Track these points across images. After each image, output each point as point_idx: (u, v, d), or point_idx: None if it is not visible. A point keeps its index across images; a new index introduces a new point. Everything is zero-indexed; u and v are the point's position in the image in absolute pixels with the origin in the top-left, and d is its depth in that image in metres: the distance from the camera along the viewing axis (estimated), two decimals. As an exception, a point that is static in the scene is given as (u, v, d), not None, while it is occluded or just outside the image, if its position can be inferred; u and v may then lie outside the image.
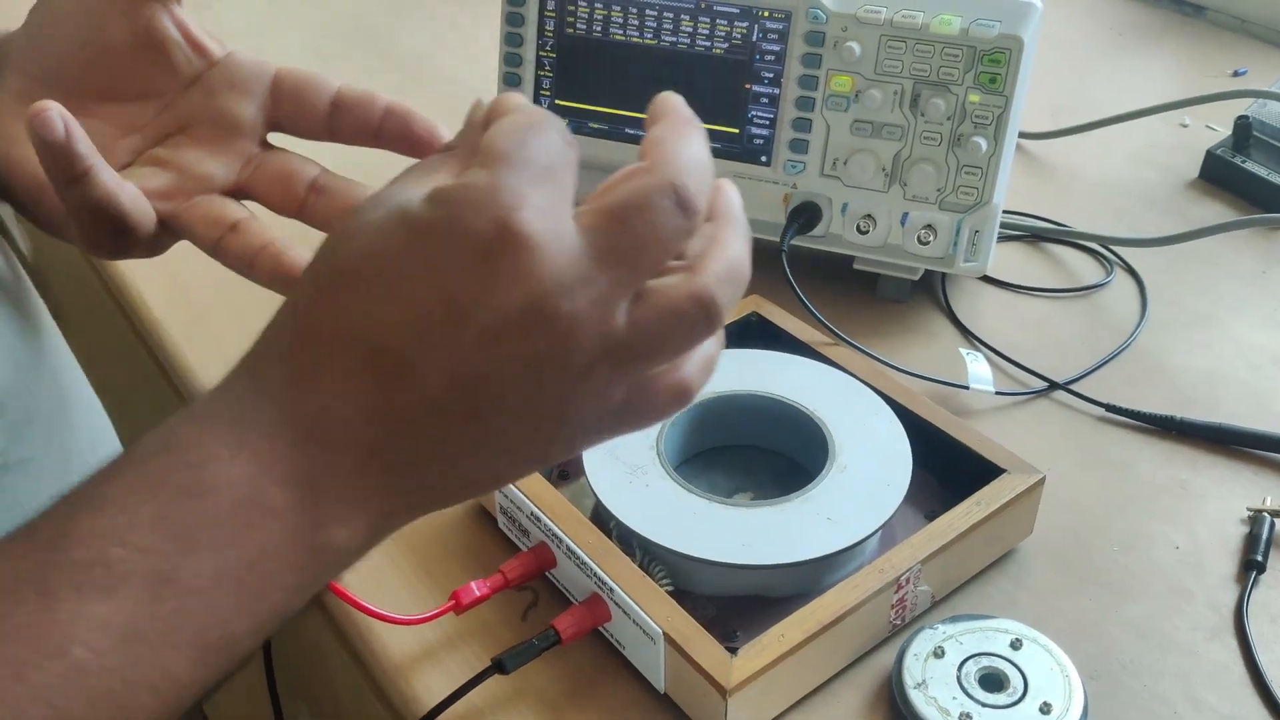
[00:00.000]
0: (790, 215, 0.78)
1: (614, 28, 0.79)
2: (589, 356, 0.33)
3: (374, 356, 0.32)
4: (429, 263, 0.32)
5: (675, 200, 0.33)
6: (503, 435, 0.34)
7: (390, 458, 0.33)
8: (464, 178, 0.33)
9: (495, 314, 0.31)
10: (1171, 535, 0.64)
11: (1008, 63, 0.71)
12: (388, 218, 0.33)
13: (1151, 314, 0.81)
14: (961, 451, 0.62)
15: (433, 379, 0.32)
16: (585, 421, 0.34)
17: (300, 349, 0.33)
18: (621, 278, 0.33)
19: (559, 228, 0.32)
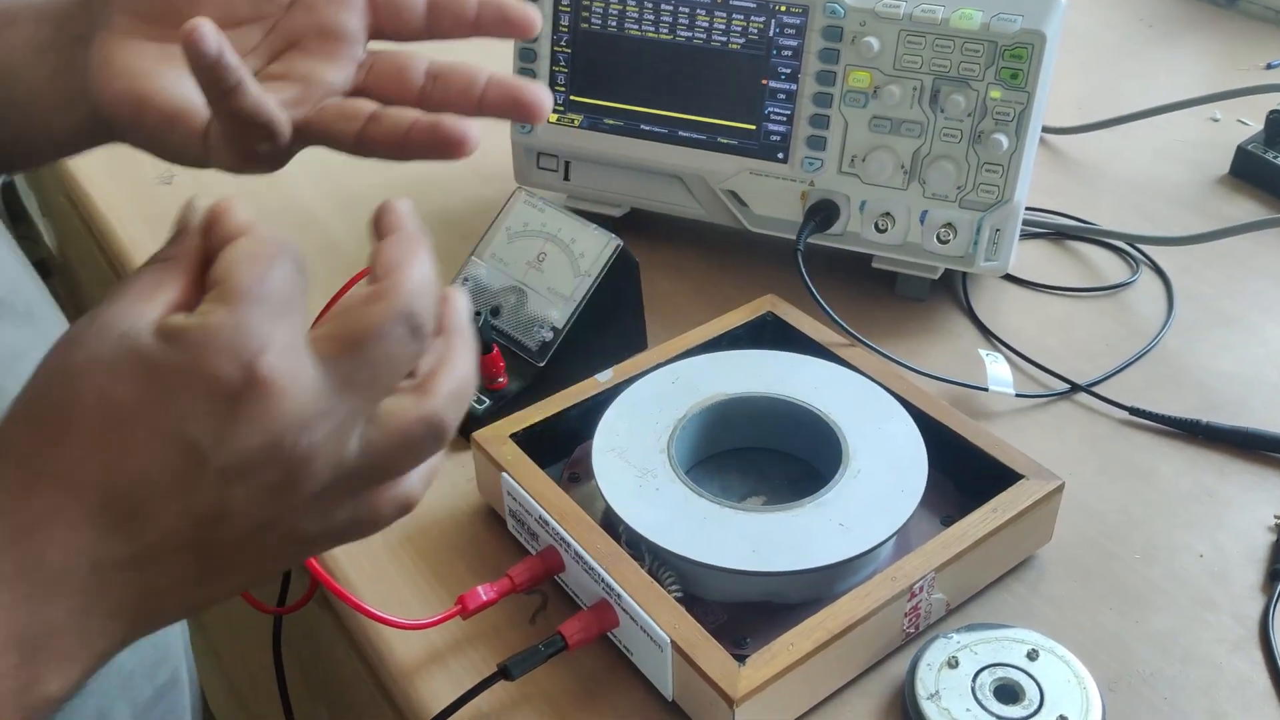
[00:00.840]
0: (807, 213, 0.77)
1: (629, 23, 0.78)
2: (321, 483, 0.34)
3: (106, 504, 0.32)
4: (167, 409, 0.32)
5: (408, 328, 0.34)
6: (232, 560, 0.34)
7: (119, 599, 0.33)
8: (204, 318, 0.32)
9: (235, 455, 0.32)
10: (1195, 543, 0.63)
11: (1030, 58, 0.70)
12: (118, 355, 0.32)
13: (1178, 314, 0.79)
14: (979, 456, 0.61)
15: (166, 521, 0.32)
16: (312, 538, 0.35)
17: (23, 499, 0.32)
18: (357, 406, 0.34)
19: (299, 366, 0.33)
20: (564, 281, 0.69)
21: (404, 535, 0.63)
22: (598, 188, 0.84)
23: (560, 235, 0.70)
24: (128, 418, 0.32)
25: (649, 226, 0.85)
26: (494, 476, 0.60)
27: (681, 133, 0.80)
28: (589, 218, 0.70)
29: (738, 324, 0.70)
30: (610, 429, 0.62)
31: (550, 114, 0.45)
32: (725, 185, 0.79)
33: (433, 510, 0.64)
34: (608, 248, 0.68)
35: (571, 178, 0.84)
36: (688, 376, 0.65)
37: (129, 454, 0.32)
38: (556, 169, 0.84)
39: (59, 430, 0.32)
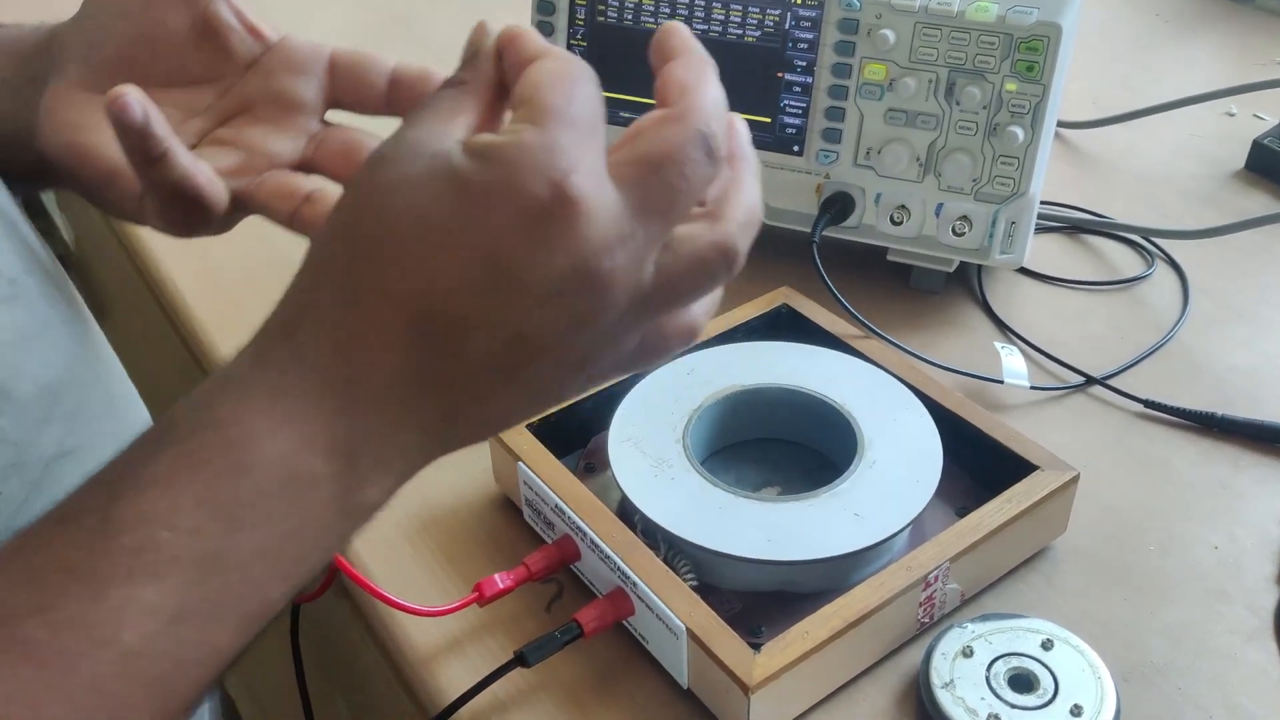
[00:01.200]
0: (822, 205, 0.77)
1: (645, 16, 0.79)
2: (620, 309, 0.34)
3: (422, 319, 0.32)
4: (481, 224, 0.32)
5: (705, 150, 0.33)
6: (532, 384, 0.35)
7: (428, 414, 0.34)
8: (516, 136, 0.32)
9: (545, 276, 0.32)
10: (1210, 536, 0.63)
11: (1046, 50, 0.70)
12: (432, 173, 0.32)
13: (1193, 308, 0.79)
14: (994, 447, 0.61)
15: (478, 340, 0.33)
16: (603, 365, 0.36)
17: (344, 315, 0.33)
18: (655, 231, 0.33)
19: (604, 188, 0.32)
20: (580, 273, 0.69)
21: (421, 524, 0.63)
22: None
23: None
24: (442, 234, 0.32)
25: (664, 219, 0.86)
26: (510, 466, 0.61)
27: (697, 126, 0.80)
28: (605, 210, 0.71)
29: (753, 316, 0.70)
30: (626, 419, 0.62)
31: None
32: (740, 178, 0.79)
33: (449, 500, 0.65)
34: (623, 239, 0.68)
35: (587, 170, 0.84)
36: (703, 368, 0.65)
37: (445, 270, 0.32)
38: (572, 162, 0.84)
39: (374, 246, 0.33)
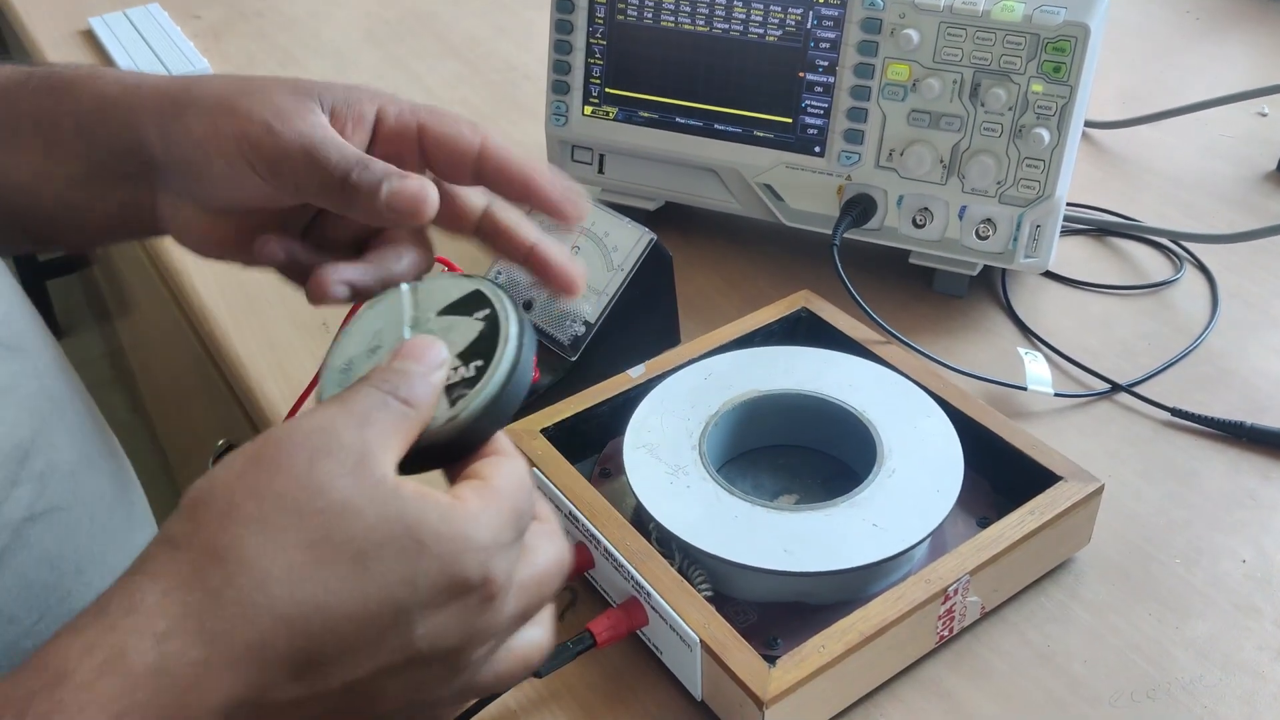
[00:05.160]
0: (844, 207, 0.76)
1: (665, 15, 0.78)
2: (453, 689, 0.36)
3: (304, 654, 0.32)
4: (408, 571, 0.33)
5: (564, 576, 0.39)
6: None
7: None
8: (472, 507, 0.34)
9: (430, 642, 0.33)
10: (1238, 548, 0.61)
11: (1073, 51, 0.68)
12: (378, 500, 0.33)
13: (1222, 314, 0.78)
14: (1017, 456, 0.60)
15: (335, 683, 0.33)
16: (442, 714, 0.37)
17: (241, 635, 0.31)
18: (512, 629, 0.37)
19: (510, 588, 0.36)
20: (597, 275, 0.68)
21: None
22: (632, 181, 0.83)
23: (594, 229, 0.69)
24: (368, 563, 0.32)
25: (683, 220, 0.85)
26: (524, 471, 0.60)
27: (717, 126, 0.79)
28: (623, 211, 0.70)
29: (772, 320, 0.69)
30: (642, 425, 0.61)
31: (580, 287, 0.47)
32: (761, 179, 0.79)
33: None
34: (641, 242, 0.68)
35: (606, 171, 0.84)
36: (721, 372, 0.64)
37: (349, 598, 0.32)
38: (591, 162, 0.84)
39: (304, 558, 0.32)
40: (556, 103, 0.83)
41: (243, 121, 0.42)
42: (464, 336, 0.38)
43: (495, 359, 0.36)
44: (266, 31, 1.20)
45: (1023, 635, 0.57)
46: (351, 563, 0.32)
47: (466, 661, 0.35)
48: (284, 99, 0.43)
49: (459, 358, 0.37)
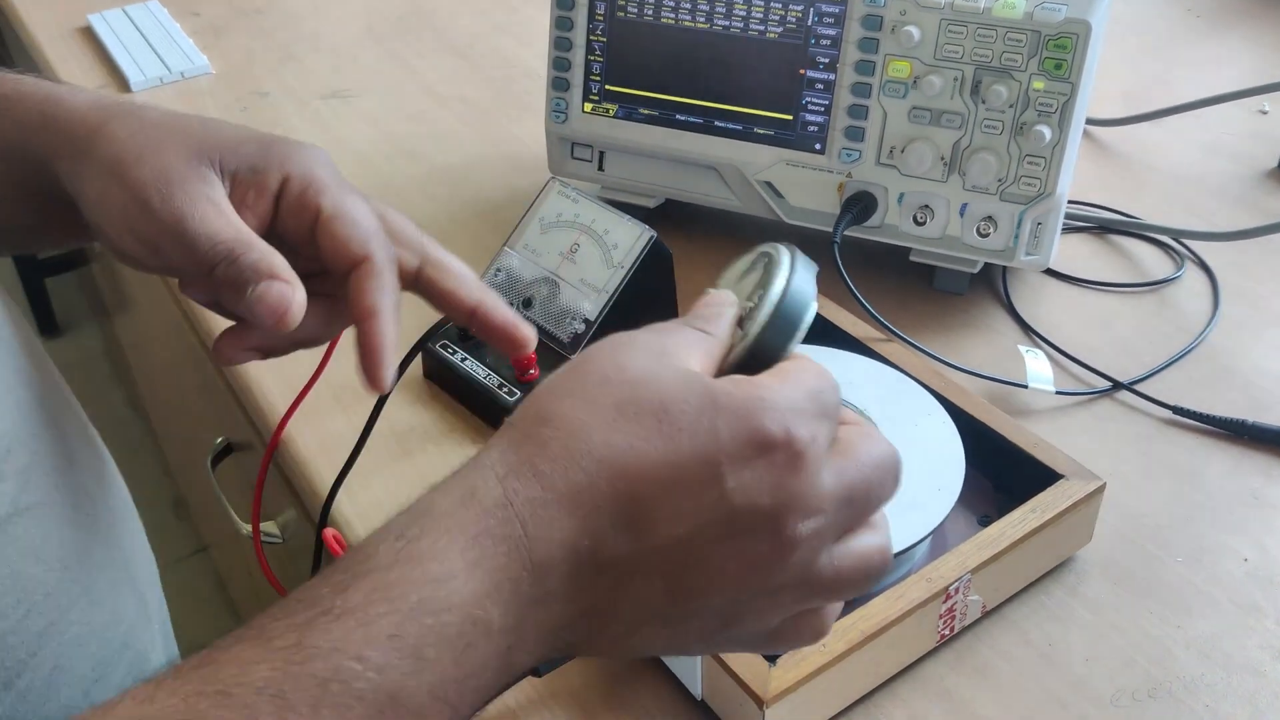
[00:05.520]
0: (844, 205, 0.76)
1: (665, 12, 0.77)
2: (787, 579, 0.35)
3: (627, 500, 0.34)
4: (711, 430, 0.34)
5: (896, 476, 0.38)
6: (682, 617, 0.36)
7: (588, 607, 0.35)
8: (768, 382, 0.36)
9: (746, 500, 0.34)
10: (1240, 547, 0.61)
11: (1074, 48, 0.68)
12: (684, 379, 0.35)
13: (1224, 311, 0.77)
14: (1018, 455, 0.60)
15: (661, 538, 0.34)
16: (742, 634, 0.37)
17: (566, 475, 0.34)
18: (845, 521, 0.36)
19: (824, 462, 0.36)
20: (597, 273, 0.68)
21: (433, 527, 0.63)
22: (632, 178, 0.83)
23: (594, 226, 0.69)
24: (675, 423, 0.34)
25: (683, 218, 0.85)
26: (524, 469, 0.60)
27: (717, 123, 0.79)
28: (623, 209, 0.70)
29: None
30: (642, 423, 0.61)
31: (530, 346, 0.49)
32: (761, 176, 0.78)
33: (462, 502, 0.64)
34: (641, 239, 0.67)
35: (606, 168, 0.83)
36: (721, 370, 0.64)
37: (659, 454, 0.34)
38: (591, 159, 0.83)
39: (617, 418, 0.35)
40: (556, 100, 0.82)
41: (129, 191, 0.42)
42: (750, 282, 0.41)
43: (771, 281, 0.40)
44: (266, 28, 1.20)
45: (1024, 634, 0.56)
46: (656, 416, 0.34)
47: (792, 534, 0.34)
48: (176, 164, 0.43)
49: (749, 299, 0.41)
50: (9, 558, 0.41)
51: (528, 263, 0.71)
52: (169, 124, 0.44)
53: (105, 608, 0.47)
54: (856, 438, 0.37)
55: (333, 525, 0.63)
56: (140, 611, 0.51)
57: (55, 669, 0.43)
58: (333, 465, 0.63)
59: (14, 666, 0.41)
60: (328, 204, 0.44)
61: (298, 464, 0.68)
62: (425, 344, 0.69)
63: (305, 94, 1.08)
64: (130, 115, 0.44)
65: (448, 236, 0.87)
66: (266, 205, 0.44)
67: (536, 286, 0.70)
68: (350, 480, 0.60)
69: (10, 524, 0.42)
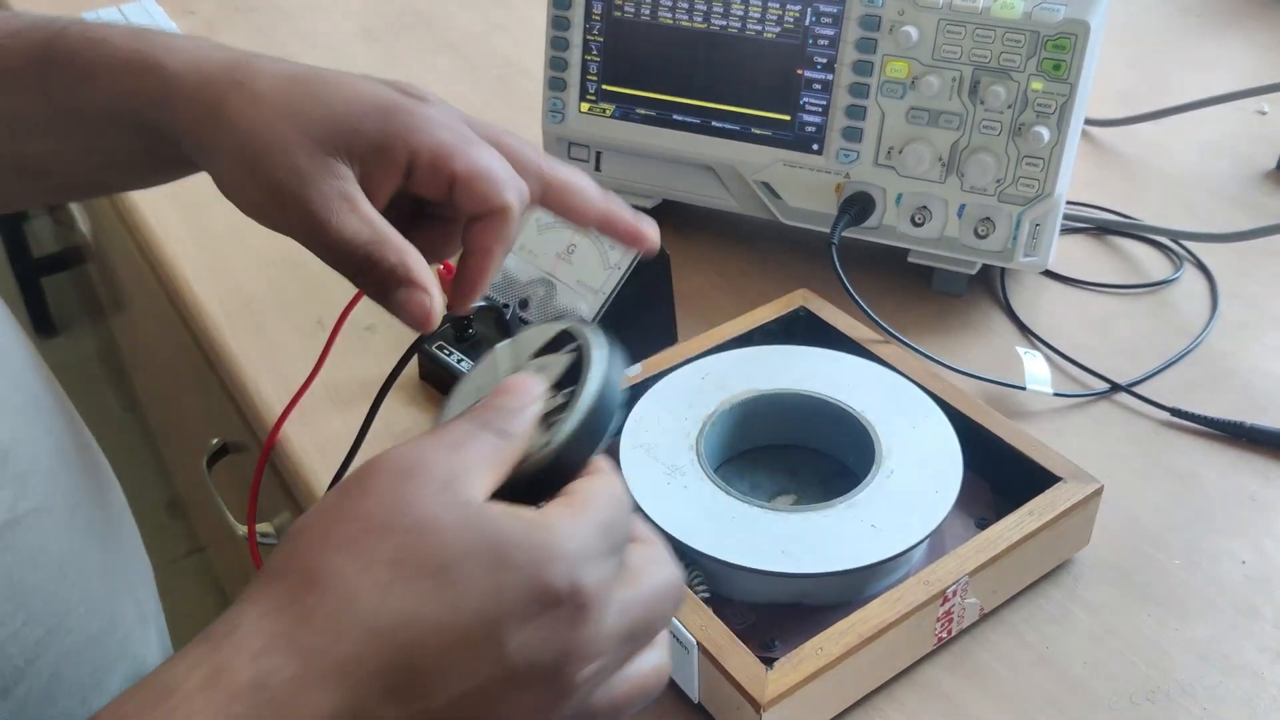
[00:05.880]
0: (842, 206, 0.76)
1: (663, 11, 0.77)
2: (563, 718, 0.34)
3: (399, 670, 0.32)
4: (496, 589, 0.32)
5: (679, 601, 0.37)
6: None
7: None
8: (557, 519, 0.34)
9: (525, 659, 0.32)
10: (1238, 550, 0.61)
11: (1073, 49, 0.68)
12: (468, 521, 0.33)
13: (1222, 313, 0.77)
14: (1016, 457, 0.59)
15: (433, 702, 0.32)
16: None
17: (332, 649, 0.32)
18: (623, 657, 0.36)
19: (609, 608, 0.34)
20: (593, 274, 0.68)
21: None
22: (629, 178, 0.83)
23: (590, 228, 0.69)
24: (457, 581, 0.32)
25: (681, 218, 0.84)
26: (520, 471, 0.60)
27: (714, 123, 0.78)
28: (619, 209, 0.69)
29: (770, 319, 0.69)
30: (638, 424, 0.61)
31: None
32: (758, 177, 0.78)
33: (458, 504, 0.64)
34: (638, 240, 0.67)
35: (603, 168, 0.83)
36: (718, 372, 0.64)
37: (442, 614, 0.32)
38: (588, 159, 0.83)
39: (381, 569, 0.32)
40: (553, 99, 0.82)
41: (262, 190, 0.42)
42: (556, 370, 0.39)
43: (584, 381, 0.37)
44: (261, 26, 1.20)
45: (1022, 637, 0.56)
46: (435, 576, 0.32)
47: (571, 683, 0.34)
48: (305, 161, 0.42)
49: (553, 389, 0.39)
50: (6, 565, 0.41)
51: (524, 264, 0.70)
52: (284, 105, 0.43)
53: (103, 614, 0.47)
54: (643, 564, 0.36)
55: (328, 527, 0.62)
56: (137, 617, 0.51)
57: (53, 676, 0.43)
58: (329, 466, 0.63)
59: (11, 674, 0.41)
60: (460, 168, 0.44)
61: (294, 465, 0.68)
62: (421, 345, 0.69)
63: (301, 93, 1.07)
64: (242, 94, 0.44)
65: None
66: (395, 180, 0.44)
67: (533, 287, 0.70)
68: (346, 482, 0.60)
69: (8, 531, 0.41)
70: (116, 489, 0.54)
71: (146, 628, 0.52)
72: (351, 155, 0.43)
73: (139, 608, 0.51)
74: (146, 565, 0.55)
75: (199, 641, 0.32)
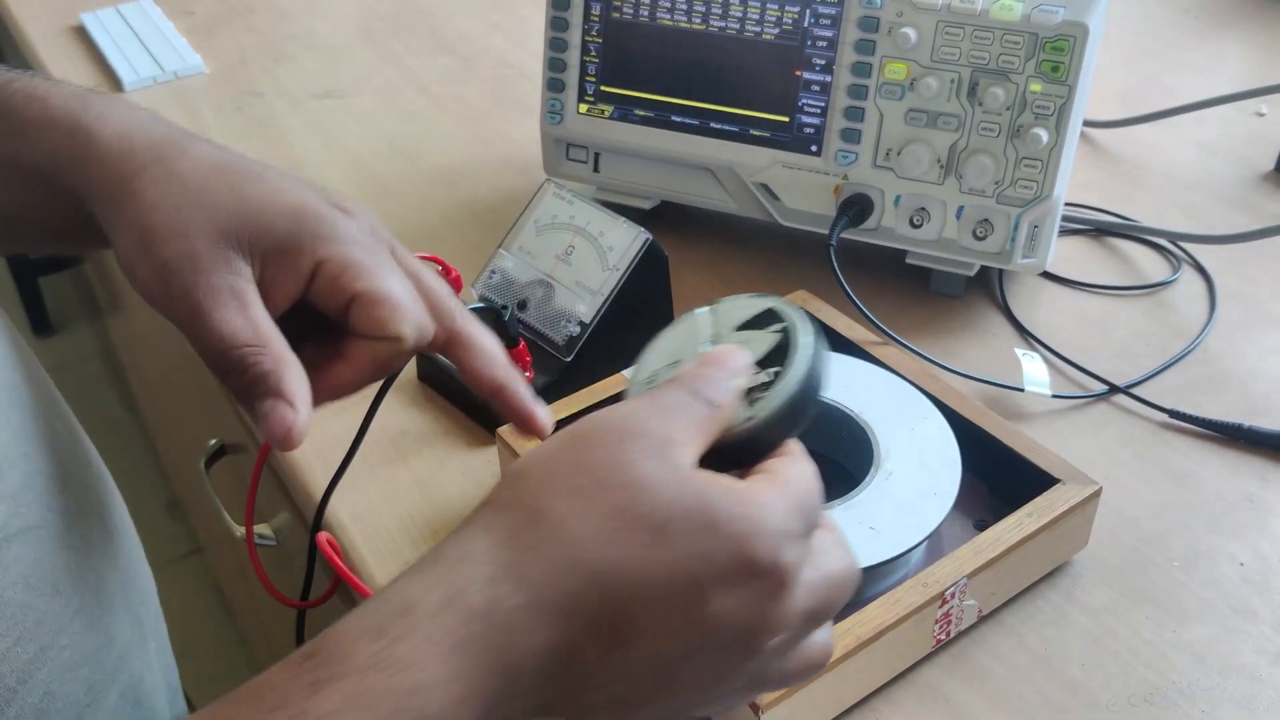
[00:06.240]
0: (840, 207, 0.76)
1: (661, 12, 0.77)
2: (742, 681, 0.37)
3: (612, 614, 0.34)
4: (704, 553, 0.34)
5: (855, 588, 0.39)
6: (636, 709, 0.36)
7: (551, 700, 0.35)
8: (766, 496, 0.36)
9: (725, 623, 0.34)
10: (1236, 552, 0.61)
11: (1071, 50, 0.68)
12: (681, 486, 0.35)
13: (1220, 315, 0.77)
14: (1014, 459, 0.59)
15: (637, 649, 0.34)
16: (685, 716, 0.38)
17: (557, 585, 0.34)
18: (804, 634, 0.38)
19: (804, 584, 0.36)
20: (592, 275, 0.68)
21: (428, 530, 0.62)
22: (627, 180, 0.83)
23: (589, 228, 0.69)
24: (666, 540, 0.34)
25: (679, 220, 0.84)
26: (518, 473, 0.59)
27: (713, 124, 0.78)
28: (618, 210, 0.69)
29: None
30: (637, 426, 0.61)
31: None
32: (757, 178, 0.78)
33: (456, 506, 0.64)
34: (637, 241, 0.67)
35: (601, 169, 0.83)
36: (716, 373, 0.64)
37: (645, 570, 0.34)
38: (586, 160, 0.83)
39: (617, 532, 0.34)
40: (552, 100, 0.82)
41: (153, 269, 0.42)
42: (761, 347, 0.40)
43: (790, 364, 0.38)
44: (258, 26, 1.20)
45: (1020, 639, 0.56)
46: (652, 533, 0.34)
47: (758, 650, 0.35)
48: (202, 249, 0.42)
49: (757, 365, 0.39)
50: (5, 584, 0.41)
51: (523, 265, 0.70)
52: (198, 189, 0.43)
53: (99, 631, 0.46)
54: (827, 548, 0.38)
55: (327, 528, 0.62)
56: (135, 632, 0.50)
57: (46, 695, 0.42)
58: (327, 468, 0.63)
59: (4, 695, 0.40)
60: (362, 288, 0.43)
61: (292, 467, 0.68)
62: (420, 346, 0.69)
63: (299, 93, 1.08)
64: (159, 169, 0.43)
65: (442, 238, 0.87)
66: (296, 287, 0.43)
67: (531, 289, 0.70)
68: (344, 483, 0.60)
69: (4, 549, 0.41)
70: (118, 502, 0.53)
71: (145, 643, 0.51)
72: (255, 254, 0.43)
73: (138, 623, 0.51)
74: (148, 578, 0.55)
75: (432, 563, 0.34)
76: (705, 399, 0.38)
